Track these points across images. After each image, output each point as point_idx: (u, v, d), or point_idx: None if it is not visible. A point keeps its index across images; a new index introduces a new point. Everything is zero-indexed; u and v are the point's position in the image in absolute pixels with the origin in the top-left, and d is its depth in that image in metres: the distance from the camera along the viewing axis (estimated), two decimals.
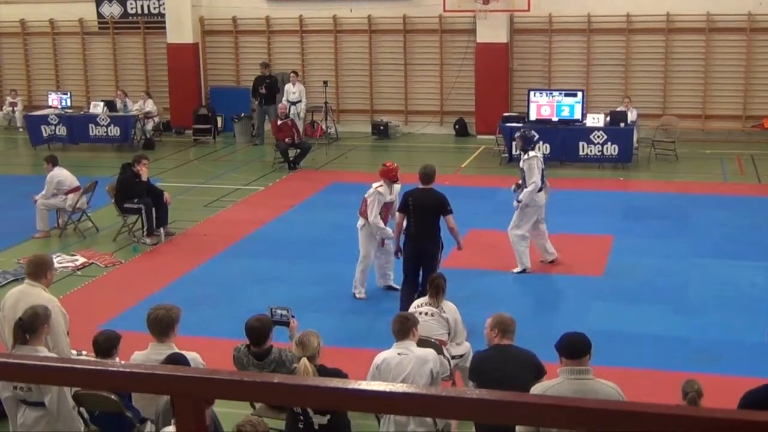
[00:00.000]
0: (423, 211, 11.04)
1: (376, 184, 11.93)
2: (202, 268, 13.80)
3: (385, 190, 11.87)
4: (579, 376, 6.09)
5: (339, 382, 1.99)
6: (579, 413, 2.00)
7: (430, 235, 11.08)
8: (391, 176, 11.94)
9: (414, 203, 11.07)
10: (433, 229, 11.10)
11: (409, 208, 11.10)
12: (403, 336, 7.69)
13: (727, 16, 22.40)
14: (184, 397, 2.01)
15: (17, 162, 23.41)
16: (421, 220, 11.05)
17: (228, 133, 24.82)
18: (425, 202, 11.08)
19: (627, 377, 9.32)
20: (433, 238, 11.10)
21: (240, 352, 7.86)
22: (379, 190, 11.84)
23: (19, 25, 27.32)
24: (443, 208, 11.06)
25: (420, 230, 11.07)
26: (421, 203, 11.06)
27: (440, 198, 11.14)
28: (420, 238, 11.08)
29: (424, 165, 11.52)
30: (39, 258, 8.39)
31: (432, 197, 11.15)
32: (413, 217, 11.08)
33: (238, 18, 25.52)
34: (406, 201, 11.16)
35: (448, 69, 24.44)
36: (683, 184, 18.62)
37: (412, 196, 11.16)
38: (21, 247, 14.80)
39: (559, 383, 6.15)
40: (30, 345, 7.07)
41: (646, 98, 23.04)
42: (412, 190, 11.30)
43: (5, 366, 2.21)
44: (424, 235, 11.05)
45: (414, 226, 11.11)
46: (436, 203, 11.08)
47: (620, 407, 2.00)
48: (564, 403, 2.05)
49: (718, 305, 11.72)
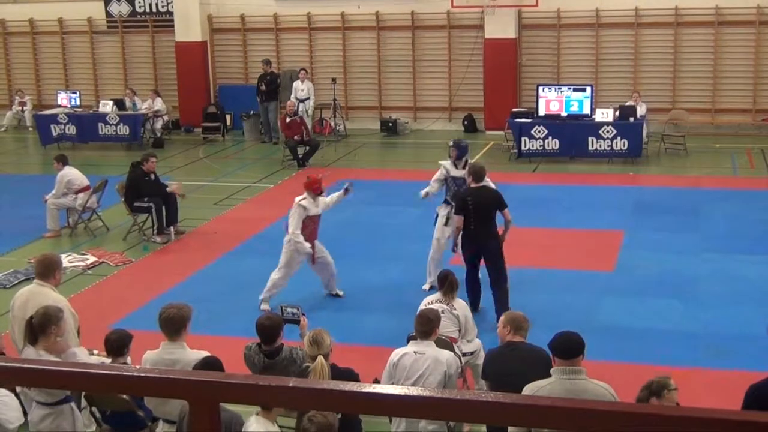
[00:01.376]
0: (483, 208, 11.11)
1: (299, 197, 11.70)
2: (212, 266, 13.81)
3: (309, 204, 11.63)
4: (571, 376, 6.10)
5: (353, 386, 1.99)
6: (589, 415, 2.00)
7: (490, 232, 11.18)
8: (315, 189, 11.72)
9: (473, 202, 11.09)
10: (493, 223, 11.23)
11: (468, 207, 11.09)
12: (425, 336, 7.70)
13: (735, 9, 22.33)
14: (200, 401, 2.02)
15: (27, 161, 23.47)
16: (481, 218, 11.12)
17: (237, 131, 24.85)
18: (484, 199, 11.16)
19: (637, 372, 9.31)
20: (493, 233, 11.21)
21: (251, 350, 7.86)
22: (302, 204, 11.60)
23: (28, 24, 27.39)
24: (501, 203, 11.19)
25: (481, 228, 11.11)
26: (479, 201, 11.11)
27: (496, 194, 11.32)
28: (481, 235, 11.15)
29: (473, 163, 11.72)
30: (47, 258, 8.39)
31: (489, 194, 11.29)
32: (473, 217, 11.10)
33: (246, 16, 25.54)
34: (465, 201, 11.15)
35: (457, 65, 24.42)
36: (693, 179, 18.58)
37: (471, 195, 11.18)
38: (31, 247, 14.84)
39: (551, 383, 6.16)
40: (39, 345, 7.09)
41: (656, 92, 22.98)
42: (467, 190, 11.33)
43: (21, 371, 2.22)
44: (485, 232, 11.13)
45: (474, 225, 11.12)
46: (494, 199, 11.20)
47: (625, 409, 2.01)
48: (573, 405, 2.05)
49: (729, 300, 11.69)
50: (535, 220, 15.30)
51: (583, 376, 6.15)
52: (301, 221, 11.56)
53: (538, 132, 20.27)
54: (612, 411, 2.02)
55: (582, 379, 6.13)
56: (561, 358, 6.20)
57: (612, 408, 2.03)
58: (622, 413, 2.01)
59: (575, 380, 6.09)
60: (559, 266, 13.24)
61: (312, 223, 11.73)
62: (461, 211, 11.19)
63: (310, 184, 11.75)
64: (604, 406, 2.03)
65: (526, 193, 17.57)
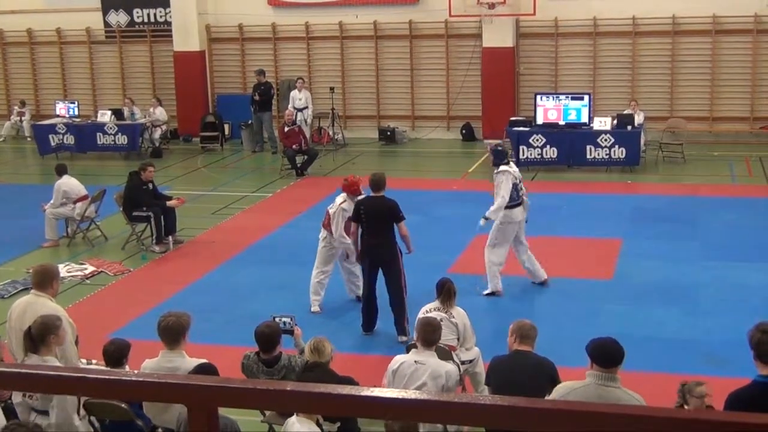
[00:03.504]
0: (375, 218, 10.99)
1: (340, 199, 11.84)
2: (210, 275, 13.81)
3: (349, 206, 11.71)
4: (606, 383, 6.03)
5: (351, 389, 2.00)
6: (589, 419, 2.00)
7: (386, 243, 10.98)
8: (354, 191, 11.80)
9: (366, 211, 11.03)
10: (388, 236, 11.02)
11: (361, 216, 11.06)
12: (428, 345, 7.69)
13: (733, 17, 22.38)
14: (198, 407, 2.02)
15: (25, 171, 23.48)
16: (374, 228, 10.99)
17: (235, 141, 24.88)
18: (377, 209, 11.03)
19: (636, 380, 9.31)
20: (389, 245, 11.01)
21: (249, 359, 7.86)
22: (343, 206, 11.73)
23: (26, 34, 27.42)
24: (395, 215, 11.00)
25: (374, 238, 10.98)
26: (373, 211, 11.02)
27: (391, 205, 11.07)
28: (375, 245, 10.98)
29: (374, 173, 11.51)
30: (44, 268, 8.37)
31: (383, 204, 11.10)
32: (366, 226, 11.04)
33: (244, 25, 25.58)
34: (358, 210, 11.13)
35: (455, 74, 24.45)
36: (691, 187, 18.60)
37: (364, 204, 11.15)
38: (30, 257, 14.83)
39: (585, 385, 6.10)
40: (39, 355, 7.08)
41: (653, 101, 23.02)
42: (363, 198, 11.32)
43: (21, 376, 2.22)
44: (379, 242, 10.96)
45: (368, 234, 11.05)
46: (388, 210, 11.02)
47: (629, 411, 2.01)
48: (574, 408, 2.05)
49: (728, 308, 11.69)
50: (534, 229, 15.26)
51: (617, 384, 6.09)
52: (344, 222, 11.72)
53: (536, 140, 20.29)
54: (612, 413, 2.02)
55: (616, 387, 6.08)
56: (600, 366, 6.10)
57: (613, 410, 2.03)
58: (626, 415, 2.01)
59: (609, 387, 6.03)
60: (557, 274, 13.23)
61: (350, 224, 11.85)
62: (355, 218, 11.19)
63: (348, 186, 11.87)
64: (606, 408, 2.03)
65: None
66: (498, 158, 12.56)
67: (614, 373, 6.10)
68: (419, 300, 11.35)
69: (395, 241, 11.07)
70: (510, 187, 12.21)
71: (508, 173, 12.33)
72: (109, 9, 26.58)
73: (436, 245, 14.51)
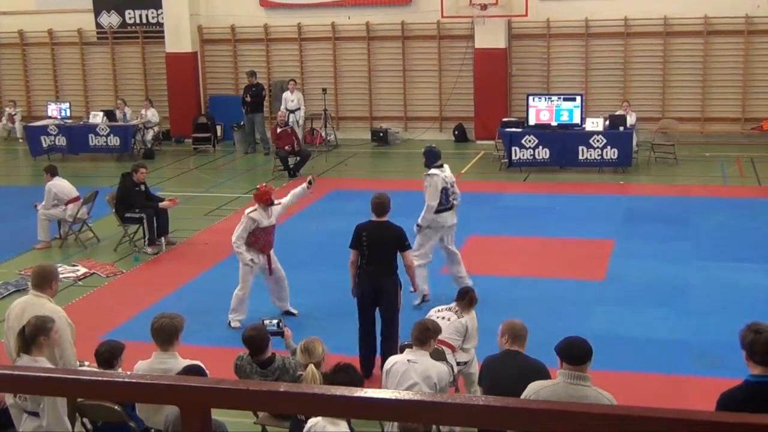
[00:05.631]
0: (379, 246, 10.07)
1: (249, 209, 11.49)
2: (203, 276, 13.80)
3: (260, 215, 11.38)
4: (577, 382, 6.11)
5: (345, 390, 2.00)
6: (584, 419, 2.01)
7: (388, 272, 10.09)
8: (265, 200, 11.40)
9: (368, 238, 10.07)
10: (391, 265, 10.12)
11: (362, 243, 10.10)
12: (420, 345, 7.70)
13: (724, 18, 22.43)
14: (191, 407, 2.02)
15: (17, 173, 23.42)
16: (376, 257, 10.06)
17: (228, 142, 24.86)
18: (381, 236, 10.10)
19: (629, 381, 9.33)
20: (391, 275, 10.11)
21: (243, 360, 7.85)
22: (251, 216, 11.37)
23: (17, 35, 27.36)
24: (401, 243, 10.13)
25: (376, 267, 10.07)
26: (376, 238, 10.07)
27: (398, 232, 10.15)
28: (376, 275, 10.07)
29: (378, 194, 10.47)
30: (44, 269, 8.36)
31: (389, 231, 10.16)
32: (368, 254, 10.08)
33: (236, 26, 25.56)
34: (360, 236, 10.13)
35: (447, 75, 24.47)
36: (683, 187, 18.63)
37: (366, 230, 10.15)
38: (22, 258, 14.81)
39: (555, 384, 6.18)
40: (31, 356, 7.06)
41: (645, 102, 23.07)
42: (365, 224, 10.28)
43: (11, 378, 2.22)
44: (380, 272, 10.07)
45: (368, 263, 10.10)
46: (394, 238, 10.10)
47: (624, 412, 2.01)
48: (569, 408, 2.06)
49: (720, 308, 11.71)
50: (526, 230, 15.34)
51: (587, 383, 6.15)
52: (246, 232, 11.44)
53: (529, 141, 20.31)
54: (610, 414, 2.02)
55: (586, 386, 6.13)
56: (569, 363, 6.19)
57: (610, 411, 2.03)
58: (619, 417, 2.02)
59: (579, 386, 6.09)
60: (549, 275, 13.25)
61: (265, 235, 11.60)
62: (356, 245, 10.20)
63: (260, 196, 11.51)
64: (597, 409, 2.04)
65: (516, 202, 17.62)
66: (429, 160, 12.13)
67: (584, 371, 6.18)
68: (410, 302, 11.39)
69: (396, 273, 10.20)
70: (437, 191, 11.83)
71: (436, 176, 11.93)
72: (100, 10, 26.54)
73: None
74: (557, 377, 6.23)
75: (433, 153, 12.29)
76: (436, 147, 12.68)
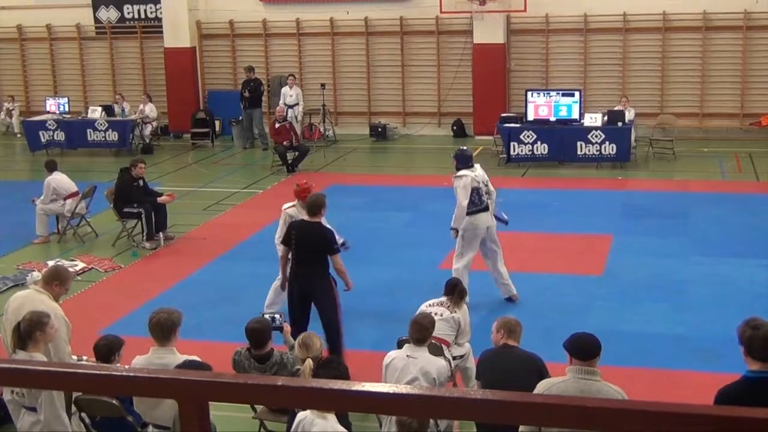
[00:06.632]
0: (307, 246, 9.89)
1: (287, 204, 11.26)
2: (201, 271, 13.80)
3: (296, 211, 11.06)
4: (586, 377, 6.11)
5: (342, 384, 2.00)
6: (581, 412, 2.01)
7: (316, 274, 9.87)
8: (304, 196, 11.04)
9: (297, 237, 9.91)
10: (320, 267, 9.88)
11: (291, 242, 9.96)
12: (419, 343, 7.71)
13: (723, 14, 22.43)
14: (189, 401, 2.02)
15: (16, 168, 23.41)
16: (305, 256, 9.89)
17: (226, 137, 24.86)
18: (310, 237, 9.90)
19: (627, 376, 9.34)
20: (319, 277, 9.87)
21: (241, 355, 7.85)
22: (287, 211, 11.15)
23: (16, 30, 27.33)
24: (329, 247, 9.91)
25: (304, 268, 9.88)
26: (305, 238, 9.90)
27: (326, 235, 9.98)
28: (304, 277, 9.89)
29: (312, 194, 10.37)
30: (55, 268, 8.39)
31: (317, 233, 9.94)
32: (296, 253, 9.94)
33: (235, 21, 25.54)
34: (290, 233, 10.02)
35: (446, 70, 24.46)
36: (681, 183, 18.64)
37: (296, 229, 10.00)
38: (21, 253, 14.81)
39: (565, 381, 6.18)
40: (27, 351, 7.06)
41: (644, 97, 23.07)
42: (297, 222, 10.20)
43: (7, 371, 2.22)
44: (308, 273, 9.86)
45: (297, 263, 9.94)
46: (322, 240, 9.90)
47: (621, 406, 2.02)
48: (566, 402, 2.06)
49: (718, 303, 11.72)
50: (524, 225, 15.32)
51: (597, 377, 6.17)
52: (285, 228, 11.44)
53: (527, 137, 20.32)
54: (606, 408, 2.02)
55: (596, 380, 6.15)
56: (577, 359, 6.20)
57: (606, 405, 2.03)
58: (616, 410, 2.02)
59: (589, 381, 6.11)
60: (547, 270, 13.27)
61: None
62: (286, 242, 10.11)
63: (299, 192, 11.30)
64: (596, 402, 2.04)
65: (515, 197, 17.59)
66: (459, 163, 11.81)
67: (593, 366, 6.20)
68: (408, 297, 11.38)
69: (328, 273, 9.95)
70: (466, 191, 11.51)
71: (465, 178, 11.61)
72: (99, 5, 26.50)
73: (426, 241, 14.54)
74: (566, 373, 6.23)
75: (463, 156, 11.92)
76: (467, 149, 12.36)
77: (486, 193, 11.79)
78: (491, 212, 11.83)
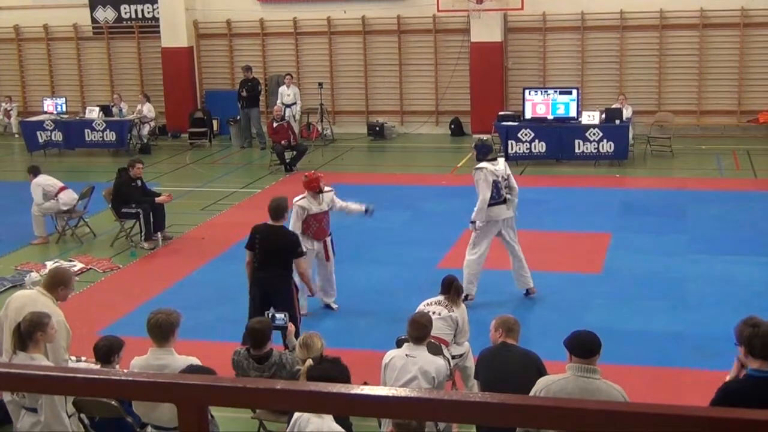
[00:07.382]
0: (271, 251, 10.01)
1: (298, 197, 11.44)
2: (200, 271, 13.79)
3: (308, 203, 11.33)
4: (586, 375, 6.11)
5: (341, 387, 2.00)
6: (579, 415, 2.01)
7: (279, 277, 10.00)
8: (313, 187, 11.37)
9: (261, 241, 10.01)
10: (283, 271, 10.04)
11: (255, 245, 10.06)
12: (418, 342, 7.71)
13: (720, 11, 22.45)
14: (188, 405, 2.02)
15: (14, 168, 23.36)
16: (268, 261, 9.98)
17: (224, 136, 24.86)
18: (273, 241, 10.04)
19: (626, 374, 9.34)
20: (283, 281, 10.02)
21: (240, 355, 7.86)
22: (299, 204, 11.34)
23: (13, 30, 27.31)
24: (293, 251, 10.08)
25: (267, 272, 9.98)
26: (268, 242, 10.02)
27: (290, 238, 10.17)
28: (267, 280, 10.00)
29: (275, 198, 10.46)
30: (57, 272, 8.35)
31: (281, 237, 10.12)
32: (259, 257, 10.02)
33: (232, 21, 25.53)
34: (254, 238, 10.12)
35: (443, 69, 24.46)
36: (679, 180, 18.65)
37: (260, 233, 10.11)
38: (19, 254, 14.80)
39: (565, 378, 6.17)
40: (27, 352, 7.05)
41: (641, 95, 23.08)
42: (260, 226, 10.24)
43: (9, 376, 2.22)
44: (271, 277, 9.98)
45: (260, 267, 10.03)
46: (285, 244, 10.07)
47: (620, 408, 2.02)
48: (565, 404, 2.06)
49: (717, 301, 11.73)
50: (522, 223, 15.25)
51: (597, 375, 6.17)
52: (299, 221, 11.36)
53: (525, 135, 20.32)
54: (602, 410, 2.02)
55: (596, 378, 6.14)
56: (577, 357, 6.20)
57: (605, 407, 2.03)
58: (612, 412, 2.02)
59: (590, 379, 6.11)
60: (546, 269, 13.24)
61: (317, 221, 11.50)
62: (249, 246, 10.15)
63: (308, 183, 11.50)
64: (595, 405, 2.04)
65: None
66: (480, 153, 11.76)
67: (593, 364, 6.19)
68: (407, 296, 11.38)
69: (290, 277, 10.13)
70: (487, 184, 11.46)
71: (485, 170, 11.54)
72: (96, 5, 26.49)
73: (424, 240, 14.55)
74: (566, 371, 6.23)
75: (484, 147, 11.86)
76: (488, 140, 12.37)
77: (505, 188, 11.77)
78: (509, 205, 11.82)
